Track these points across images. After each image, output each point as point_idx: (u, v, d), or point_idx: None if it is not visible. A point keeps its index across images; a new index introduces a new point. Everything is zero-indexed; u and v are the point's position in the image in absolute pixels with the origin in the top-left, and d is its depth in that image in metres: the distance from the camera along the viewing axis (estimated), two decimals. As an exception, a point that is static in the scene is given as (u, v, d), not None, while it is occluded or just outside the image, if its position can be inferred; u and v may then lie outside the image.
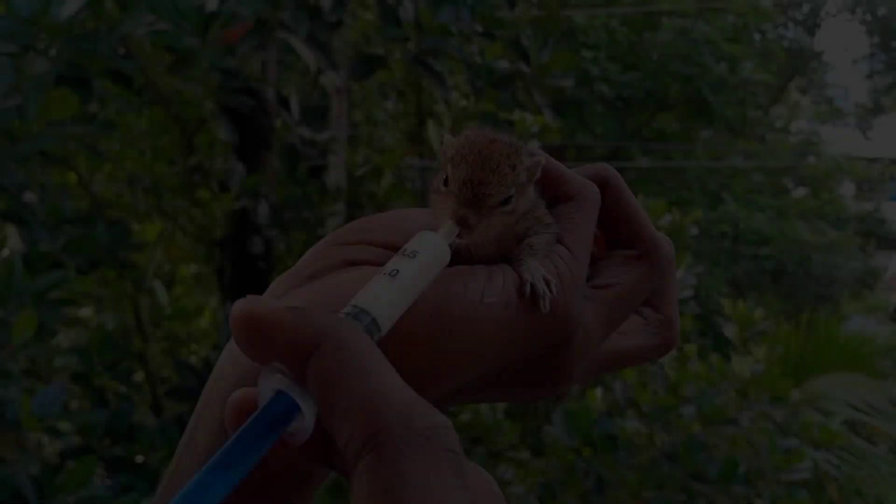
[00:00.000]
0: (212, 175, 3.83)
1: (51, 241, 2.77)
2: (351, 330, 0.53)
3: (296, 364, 0.51)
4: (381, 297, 0.60)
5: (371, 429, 0.47)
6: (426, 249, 0.64)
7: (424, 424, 0.47)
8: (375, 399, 0.48)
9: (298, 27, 2.60)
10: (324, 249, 0.72)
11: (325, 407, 0.50)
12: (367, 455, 0.46)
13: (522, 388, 0.76)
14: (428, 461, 0.46)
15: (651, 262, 0.78)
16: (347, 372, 0.49)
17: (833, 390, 7.13)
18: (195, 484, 0.50)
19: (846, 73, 46.24)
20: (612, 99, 15.20)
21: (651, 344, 0.83)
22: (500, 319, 0.65)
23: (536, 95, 3.15)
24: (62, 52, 2.54)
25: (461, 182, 0.72)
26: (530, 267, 0.69)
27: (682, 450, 3.49)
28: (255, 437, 0.52)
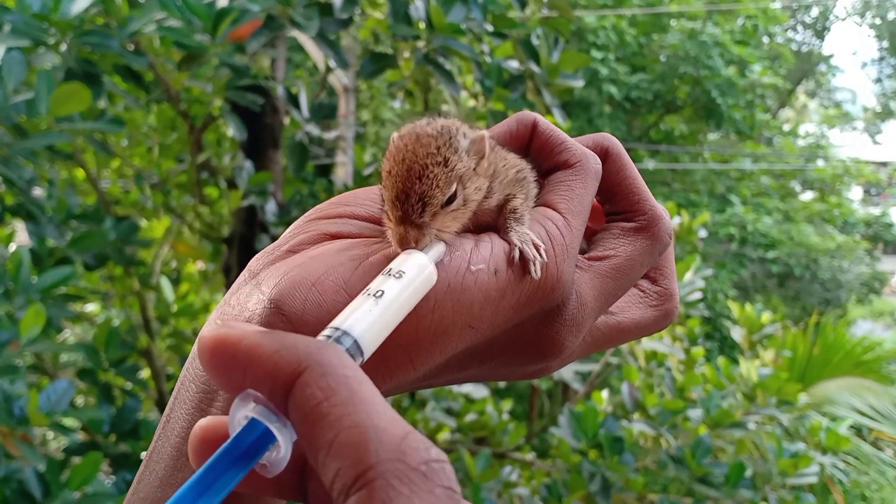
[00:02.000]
0: (220, 172, 3.83)
1: (58, 237, 2.77)
2: (336, 354, 0.49)
3: (276, 392, 0.47)
4: (364, 320, 0.57)
5: (362, 464, 0.43)
6: (412, 270, 0.62)
7: (420, 459, 0.43)
8: (366, 432, 0.44)
9: (309, 24, 2.60)
10: (303, 224, 0.71)
11: (310, 439, 0.46)
12: (357, 493, 0.42)
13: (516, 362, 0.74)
14: (424, 500, 0.42)
15: (651, 236, 0.77)
16: (335, 402, 0.45)
17: (840, 395, 7.11)
18: None
19: (855, 76, 46.09)
20: (621, 100, 15.18)
21: (650, 317, 0.82)
22: (487, 288, 0.64)
23: (546, 95, 3.13)
24: (72, 48, 2.54)
25: (391, 201, 0.69)
26: (518, 233, 0.67)
27: (688, 453, 3.48)
28: (224, 469, 0.47)
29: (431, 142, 0.69)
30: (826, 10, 25.60)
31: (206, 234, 3.93)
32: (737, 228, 15.27)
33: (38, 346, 2.48)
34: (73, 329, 4.23)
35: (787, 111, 24.59)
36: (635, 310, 0.81)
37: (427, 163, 0.68)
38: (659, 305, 0.82)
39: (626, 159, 0.79)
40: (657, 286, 0.83)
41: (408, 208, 0.67)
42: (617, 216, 0.79)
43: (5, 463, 2.34)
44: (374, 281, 0.61)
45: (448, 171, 0.69)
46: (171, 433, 0.62)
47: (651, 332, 0.84)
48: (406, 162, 0.68)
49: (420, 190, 0.67)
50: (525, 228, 0.68)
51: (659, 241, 0.77)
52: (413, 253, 0.64)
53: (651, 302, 0.82)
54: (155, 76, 3.11)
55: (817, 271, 15.57)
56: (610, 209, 0.80)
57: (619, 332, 0.80)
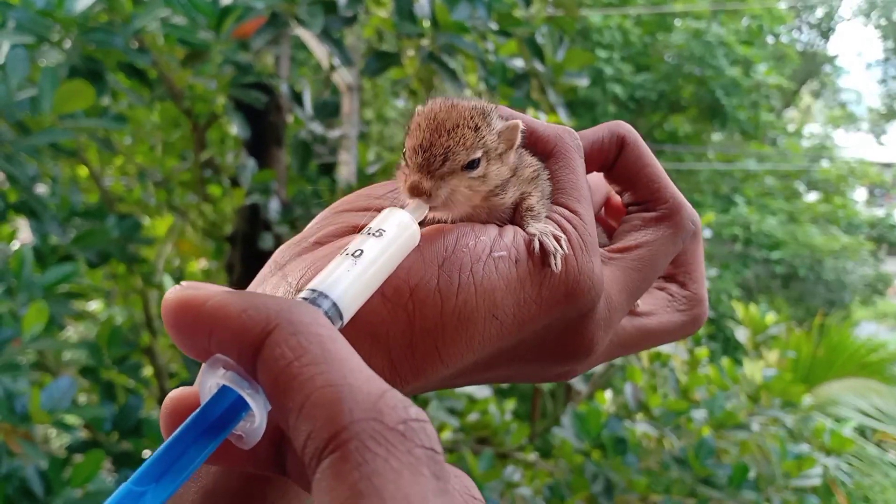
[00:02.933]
0: (223, 170, 3.82)
1: (61, 235, 2.77)
2: (308, 312, 0.46)
3: (245, 355, 0.44)
4: (342, 280, 0.54)
5: (335, 425, 0.40)
6: (393, 228, 0.60)
7: (397, 418, 0.41)
8: (340, 390, 0.41)
9: (314, 21, 2.59)
10: (331, 215, 0.69)
11: (280, 402, 0.43)
12: (329, 456, 0.40)
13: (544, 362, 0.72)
14: (402, 461, 0.39)
15: (674, 224, 0.75)
16: (306, 360, 0.42)
17: (844, 396, 7.09)
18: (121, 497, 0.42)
19: (860, 77, 46.06)
20: (625, 100, 15.16)
21: (678, 321, 0.80)
22: (508, 276, 0.62)
23: (551, 94, 3.13)
24: (76, 45, 2.54)
25: (412, 149, 0.67)
26: (537, 227, 0.66)
27: (691, 454, 3.47)
28: (193, 440, 0.44)
29: (466, 110, 0.69)
30: (831, 10, 25.55)
31: (208, 233, 3.93)
32: (741, 229, 15.25)
33: (41, 344, 2.47)
34: (75, 327, 4.23)
35: (791, 111, 24.55)
36: (663, 313, 0.79)
37: (459, 123, 0.68)
38: (688, 310, 0.81)
39: (643, 147, 0.77)
40: (686, 290, 0.81)
41: (429, 157, 0.66)
42: (637, 206, 0.77)
43: (7, 460, 2.34)
44: (353, 240, 0.59)
45: (477, 137, 0.68)
46: None
47: (678, 338, 0.82)
48: (437, 119, 0.68)
49: (446, 144, 0.67)
50: (543, 223, 0.67)
51: (682, 229, 0.76)
52: (395, 211, 0.62)
53: (679, 306, 0.80)
54: (158, 73, 3.10)
55: (821, 272, 15.54)
56: (630, 200, 0.78)
57: (646, 334, 0.78)
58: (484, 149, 0.68)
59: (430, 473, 0.40)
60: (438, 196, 0.66)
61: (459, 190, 0.67)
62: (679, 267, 0.82)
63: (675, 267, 0.82)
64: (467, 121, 0.68)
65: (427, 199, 0.65)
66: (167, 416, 0.49)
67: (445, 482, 0.41)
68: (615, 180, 0.79)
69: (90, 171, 3.67)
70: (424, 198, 0.65)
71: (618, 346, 0.76)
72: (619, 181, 0.78)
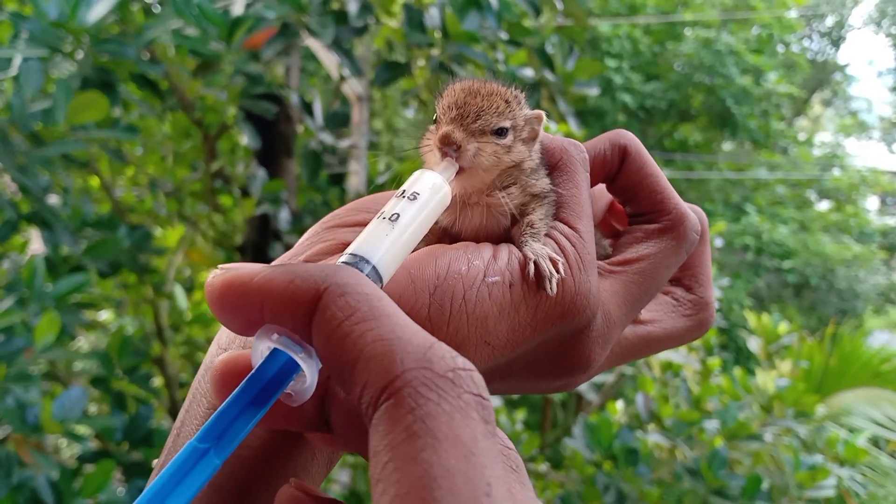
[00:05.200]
0: (233, 180, 3.83)
1: (73, 245, 2.78)
2: (352, 274, 0.49)
3: (298, 320, 0.48)
4: (381, 244, 0.57)
5: (389, 374, 0.43)
6: (426, 190, 0.61)
7: (446, 367, 0.43)
8: (390, 343, 0.44)
9: (324, 32, 2.60)
10: (321, 231, 0.69)
11: (335, 358, 0.46)
12: (385, 403, 0.42)
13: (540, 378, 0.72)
14: (453, 405, 0.42)
15: (677, 236, 0.74)
16: (356, 319, 0.46)
17: (857, 406, 7.03)
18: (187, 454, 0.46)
19: (871, 85, 45.91)
20: (635, 109, 15.14)
21: (683, 326, 0.79)
22: (502, 301, 0.62)
23: (561, 103, 3.12)
24: (88, 56, 2.55)
25: (446, 107, 0.70)
26: (534, 247, 0.65)
27: (704, 465, 3.44)
28: (249, 400, 0.48)
29: (500, 86, 0.72)
30: (842, 18, 25.48)
31: (219, 242, 3.93)
32: (752, 238, 15.18)
33: (52, 354, 2.48)
34: (86, 337, 4.24)
35: (802, 120, 24.47)
36: (668, 319, 0.78)
37: (492, 93, 0.71)
38: (693, 315, 0.80)
39: (646, 157, 0.76)
40: (692, 294, 0.80)
41: (463, 113, 0.68)
42: (640, 217, 0.77)
43: (18, 470, 2.34)
44: (388, 203, 0.61)
45: (509, 108, 0.70)
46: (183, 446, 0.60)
47: (684, 343, 0.81)
48: (473, 87, 0.71)
49: (479, 105, 0.69)
50: (541, 244, 0.67)
51: (685, 240, 0.75)
52: (425, 172, 0.64)
53: (685, 311, 0.79)
54: (170, 84, 3.12)
55: (833, 281, 15.45)
56: (632, 210, 0.78)
57: (650, 342, 0.77)
58: (512, 122, 0.70)
59: (478, 417, 0.42)
60: (467, 150, 0.67)
61: (485, 151, 0.68)
62: (685, 270, 0.81)
63: (681, 270, 0.81)
64: (500, 94, 0.71)
65: (456, 151, 0.66)
66: (218, 378, 0.52)
67: (493, 426, 0.43)
68: (618, 191, 0.78)
69: (102, 182, 3.69)
70: (454, 148, 0.66)
71: (619, 355, 0.76)
72: (621, 192, 0.78)
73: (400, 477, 0.40)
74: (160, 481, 0.45)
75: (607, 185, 0.78)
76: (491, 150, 0.69)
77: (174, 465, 0.45)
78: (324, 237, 0.68)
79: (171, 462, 0.45)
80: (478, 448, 0.41)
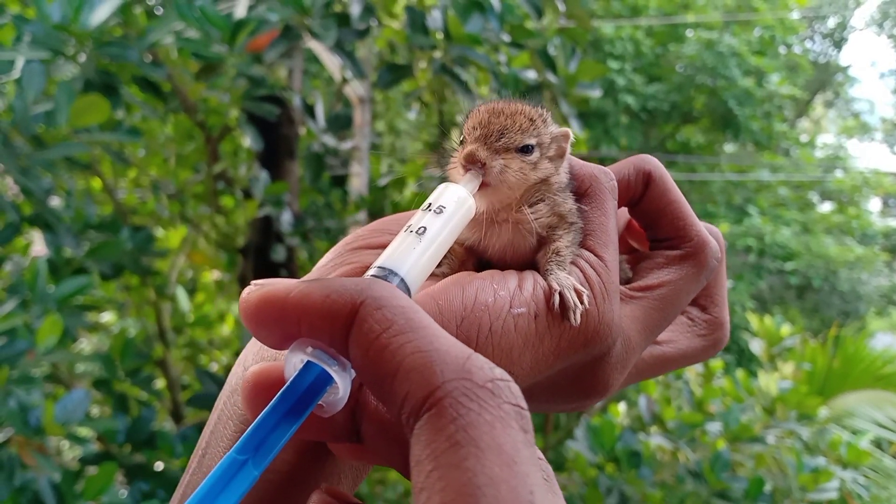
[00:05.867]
0: (236, 182, 3.83)
1: (75, 247, 2.78)
2: (387, 288, 0.49)
3: (335, 333, 0.48)
4: (408, 257, 0.58)
5: (430, 385, 0.44)
6: (451, 204, 0.62)
7: (486, 377, 0.44)
8: (429, 355, 0.45)
9: (326, 34, 2.59)
10: (346, 253, 0.69)
11: (374, 370, 0.46)
12: (426, 413, 0.43)
13: (557, 401, 0.72)
14: (494, 415, 0.43)
15: (697, 263, 0.74)
16: (394, 331, 0.46)
17: (860, 408, 7.02)
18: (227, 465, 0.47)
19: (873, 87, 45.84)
20: (637, 110, 15.14)
21: (698, 346, 0.79)
22: (527, 333, 0.62)
23: (563, 105, 3.12)
24: (91, 59, 2.55)
25: (471, 127, 0.71)
26: (559, 277, 0.66)
27: (706, 467, 3.43)
28: (284, 412, 0.49)
29: (525, 105, 0.73)
30: (844, 20, 25.46)
31: (221, 244, 3.93)
32: (755, 240, 15.17)
33: (55, 356, 2.48)
34: (89, 339, 4.24)
35: (804, 122, 24.45)
36: (682, 339, 0.79)
37: (516, 112, 0.72)
38: (708, 335, 0.80)
39: (670, 183, 0.76)
40: (707, 314, 0.81)
41: (487, 132, 0.70)
42: (661, 242, 0.77)
43: (20, 473, 2.34)
44: (414, 217, 0.62)
45: (534, 127, 0.71)
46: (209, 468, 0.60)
47: (698, 362, 0.82)
48: (497, 108, 0.72)
49: (502, 125, 0.70)
50: (566, 273, 0.67)
51: (706, 267, 0.75)
52: (450, 186, 0.65)
53: (700, 331, 0.80)
54: (172, 87, 3.12)
55: (836, 283, 15.43)
56: (654, 236, 0.78)
57: (665, 362, 0.78)
58: (538, 139, 0.71)
59: (518, 426, 0.43)
60: (493, 167, 0.68)
61: (511, 168, 0.69)
62: (701, 290, 0.81)
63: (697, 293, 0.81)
64: (525, 113, 0.72)
65: (481, 169, 0.67)
66: (250, 389, 0.52)
67: (531, 435, 0.44)
68: (640, 216, 0.78)
69: (104, 184, 3.69)
70: (478, 166, 0.67)
71: (634, 375, 0.76)
72: (644, 217, 0.78)
73: (445, 485, 0.40)
74: (201, 492, 0.45)
75: (630, 209, 0.79)
76: (517, 166, 0.69)
77: (214, 476, 0.46)
78: (348, 259, 0.68)
79: (211, 473, 0.46)
80: (520, 457, 0.42)
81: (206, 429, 0.64)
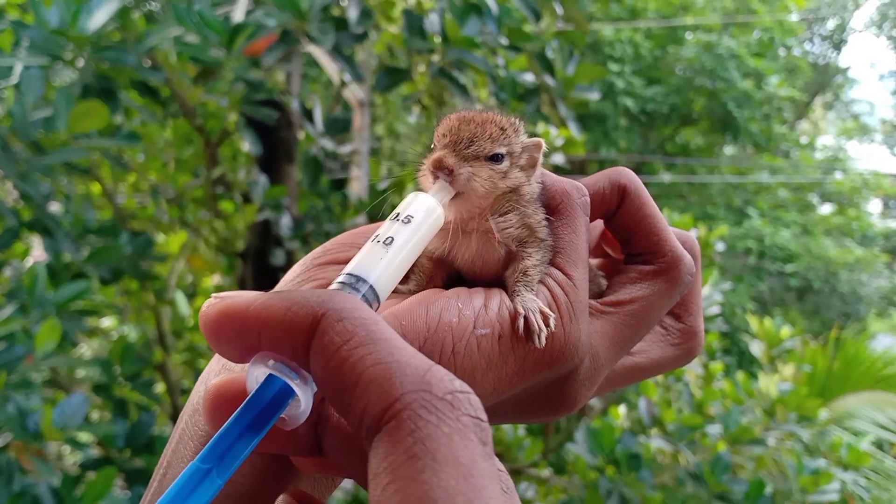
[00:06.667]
0: (235, 187, 3.83)
1: (74, 252, 2.78)
2: (349, 299, 0.49)
3: (296, 346, 0.48)
4: (377, 265, 0.58)
5: (389, 397, 0.44)
6: (420, 213, 0.63)
7: (445, 389, 0.44)
8: (389, 367, 0.45)
9: (324, 38, 2.60)
10: (312, 269, 0.69)
11: (334, 383, 0.46)
12: (385, 425, 0.43)
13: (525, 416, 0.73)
14: (452, 427, 0.43)
15: (671, 279, 0.74)
16: (355, 342, 0.46)
17: (861, 410, 7.01)
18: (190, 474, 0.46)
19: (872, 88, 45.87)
20: (636, 113, 15.15)
21: (671, 356, 0.79)
22: (490, 354, 0.62)
23: (561, 108, 3.12)
24: (90, 64, 2.56)
25: (441, 134, 0.71)
26: (525, 299, 0.65)
27: (707, 470, 3.43)
28: (247, 424, 0.49)
29: (495, 115, 0.73)
30: (843, 22, 25.48)
31: (221, 249, 3.94)
32: (754, 242, 15.17)
33: (54, 361, 2.48)
34: (88, 343, 4.24)
35: (804, 123, 24.46)
36: (655, 349, 0.79)
37: (487, 121, 0.72)
38: (681, 344, 0.80)
39: (645, 197, 0.75)
40: (681, 323, 0.81)
41: (456, 139, 0.70)
42: (635, 257, 0.76)
43: (19, 478, 2.34)
44: (382, 226, 0.62)
45: (503, 136, 0.71)
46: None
47: (671, 370, 0.82)
48: (468, 117, 0.72)
49: (472, 132, 0.70)
50: (533, 295, 0.66)
51: (679, 283, 0.75)
52: (419, 195, 0.65)
53: (673, 340, 0.80)
54: (171, 91, 3.12)
55: (836, 285, 15.42)
56: (628, 250, 0.77)
57: (637, 372, 0.77)
58: (508, 148, 0.71)
59: (476, 438, 0.43)
60: (460, 174, 0.67)
61: (480, 176, 0.69)
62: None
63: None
64: (496, 122, 0.72)
65: (448, 176, 0.67)
66: (212, 401, 0.52)
67: (490, 447, 0.44)
68: (615, 230, 0.78)
69: (103, 189, 3.69)
70: (446, 172, 0.67)
71: (605, 385, 0.76)
72: (618, 231, 0.77)
73: (401, 498, 0.40)
74: (164, 501, 0.45)
75: (605, 222, 0.78)
76: (486, 175, 0.69)
77: (177, 485, 0.46)
78: (315, 275, 0.68)
79: (175, 482, 0.46)
80: (476, 469, 0.41)
81: (167, 447, 0.64)
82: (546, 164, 0.76)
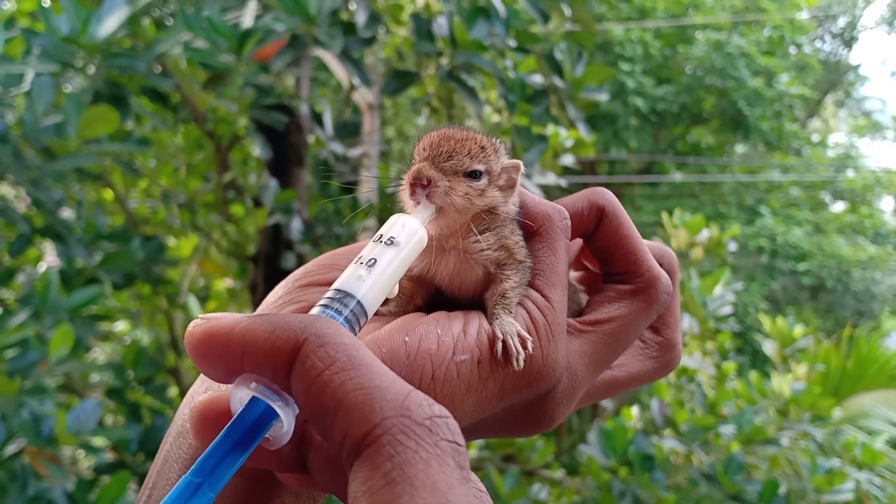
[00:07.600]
0: (246, 191, 3.85)
1: (87, 257, 2.79)
2: (331, 324, 0.50)
3: (278, 370, 0.49)
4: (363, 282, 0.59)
5: (368, 423, 0.44)
6: (403, 235, 0.63)
7: (424, 415, 0.45)
8: (370, 392, 0.46)
9: (333, 43, 2.60)
10: (294, 291, 0.70)
11: (316, 407, 0.47)
12: (365, 450, 0.44)
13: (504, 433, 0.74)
14: (430, 452, 0.44)
15: (648, 298, 0.75)
16: (336, 367, 0.47)
17: (875, 408, 6.97)
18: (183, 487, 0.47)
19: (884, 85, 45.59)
20: (647, 112, 15.11)
21: (649, 369, 0.81)
22: (469, 379, 0.63)
23: (570, 109, 3.11)
24: (100, 71, 2.57)
25: (422, 148, 0.72)
26: (503, 323, 0.66)
27: (720, 470, 3.41)
28: (233, 442, 0.50)
29: (476, 133, 0.74)
30: (854, 19, 25.33)
31: (232, 252, 3.95)
32: (767, 240, 15.10)
33: (67, 366, 2.49)
34: (101, 348, 4.26)
35: (815, 121, 24.33)
36: (634, 362, 0.80)
37: (467, 138, 0.72)
38: (659, 357, 0.81)
39: (623, 218, 0.76)
40: (659, 336, 0.82)
41: (436, 153, 0.71)
42: (614, 276, 0.77)
43: (34, 482, 2.35)
44: (365, 248, 0.63)
45: (483, 154, 0.72)
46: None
47: (648, 382, 0.83)
48: (449, 133, 0.73)
49: (452, 148, 0.71)
50: (511, 318, 0.67)
51: (656, 302, 0.76)
52: (402, 216, 0.66)
53: (651, 353, 0.81)
54: (181, 97, 3.14)
55: (849, 283, 15.33)
56: (606, 269, 0.78)
57: (616, 385, 0.79)
58: (487, 167, 0.71)
59: (454, 463, 0.44)
60: (438, 187, 0.68)
61: (457, 191, 0.69)
62: None
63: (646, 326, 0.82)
64: (476, 140, 0.72)
65: (426, 188, 0.67)
66: (198, 419, 0.53)
67: (468, 471, 0.45)
68: (594, 250, 0.79)
69: (115, 194, 3.71)
70: (424, 183, 0.67)
71: (585, 399, 0.77)
72: (597, 251, 0.78)
73: None
74: None
75: (584, 241, 0.79)
76: (463, 190, 0.69)
77: (171, 498, 0.47)
78: (296, 297, 0.69)
79: (168, 496, 0.47)
80: (453, 494, 0.42)
81: (152, 469, 0.64)
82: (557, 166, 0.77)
